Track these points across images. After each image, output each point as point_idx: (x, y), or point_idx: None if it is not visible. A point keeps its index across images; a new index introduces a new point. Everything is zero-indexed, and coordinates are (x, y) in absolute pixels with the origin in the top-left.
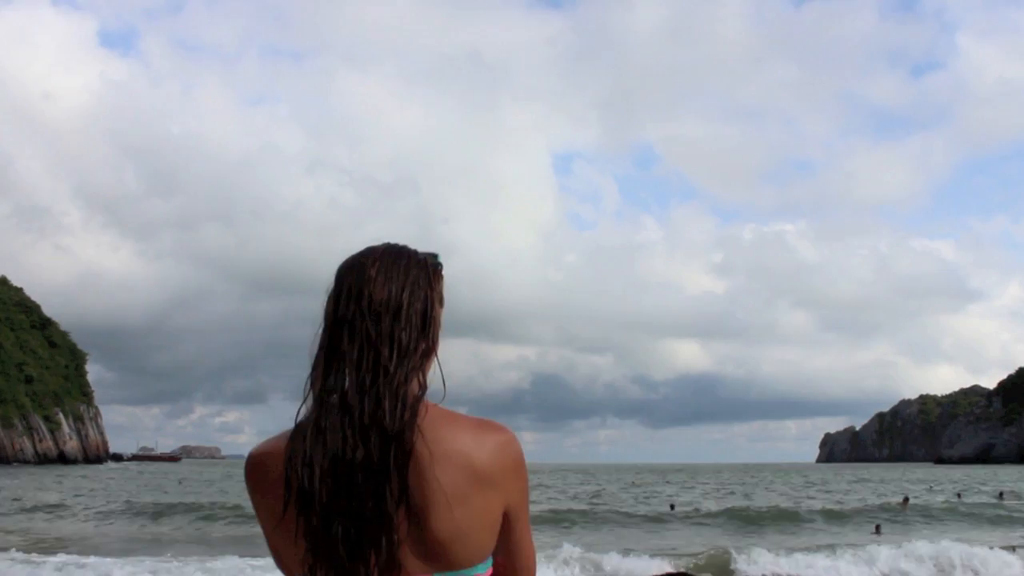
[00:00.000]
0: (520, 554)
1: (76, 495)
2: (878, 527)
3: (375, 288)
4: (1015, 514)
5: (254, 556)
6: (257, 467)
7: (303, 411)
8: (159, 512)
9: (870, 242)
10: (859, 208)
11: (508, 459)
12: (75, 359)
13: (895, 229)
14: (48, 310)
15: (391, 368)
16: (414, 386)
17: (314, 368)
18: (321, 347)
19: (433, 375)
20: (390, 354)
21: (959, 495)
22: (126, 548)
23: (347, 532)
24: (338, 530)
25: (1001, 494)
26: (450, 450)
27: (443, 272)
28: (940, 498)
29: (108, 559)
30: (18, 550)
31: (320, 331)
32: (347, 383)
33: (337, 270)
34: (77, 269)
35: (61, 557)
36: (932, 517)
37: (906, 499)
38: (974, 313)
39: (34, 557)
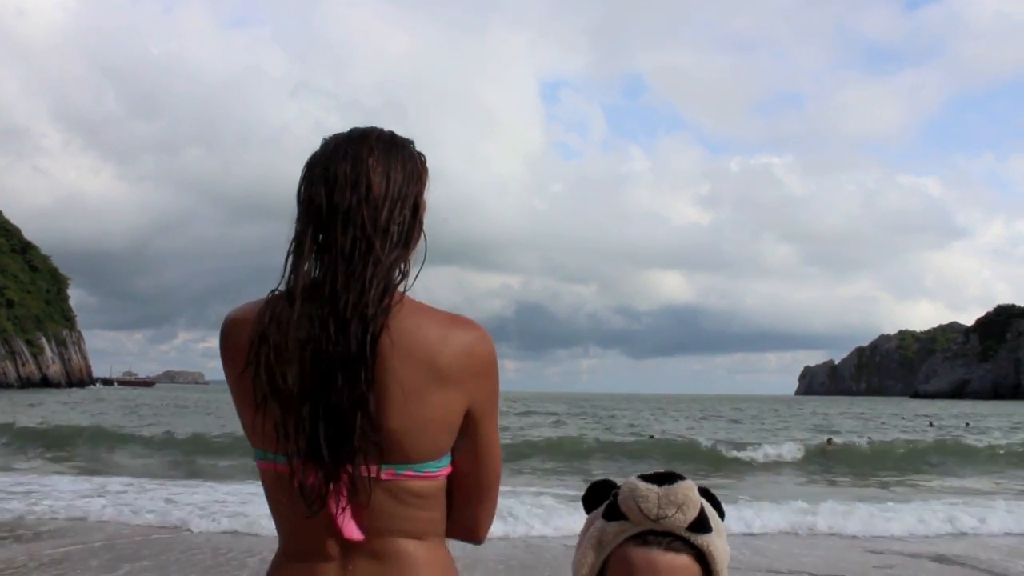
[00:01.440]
0: (484, 457)
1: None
2: (830, 439)
3: (374, 179)
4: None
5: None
6: (231, 333)
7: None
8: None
9: (857, 177)
10: (847, 142)
11: (475, 358)
12: (57, 283)
13: (882, 164)
14: (28, 233)
15: (383, 259)
16: (395, 275)
17: (296, 253)
18: (305, 232)
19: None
20: (382, 245)
21: (931, 423)
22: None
23: (322, 419)
24: (310, 416)
25: (967, 424)
26: (413, 342)
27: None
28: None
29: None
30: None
31: (299, 214)
32: (336, 273)
33: (326, 150)
34: (57, 192)
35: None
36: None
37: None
38: (957, 250)
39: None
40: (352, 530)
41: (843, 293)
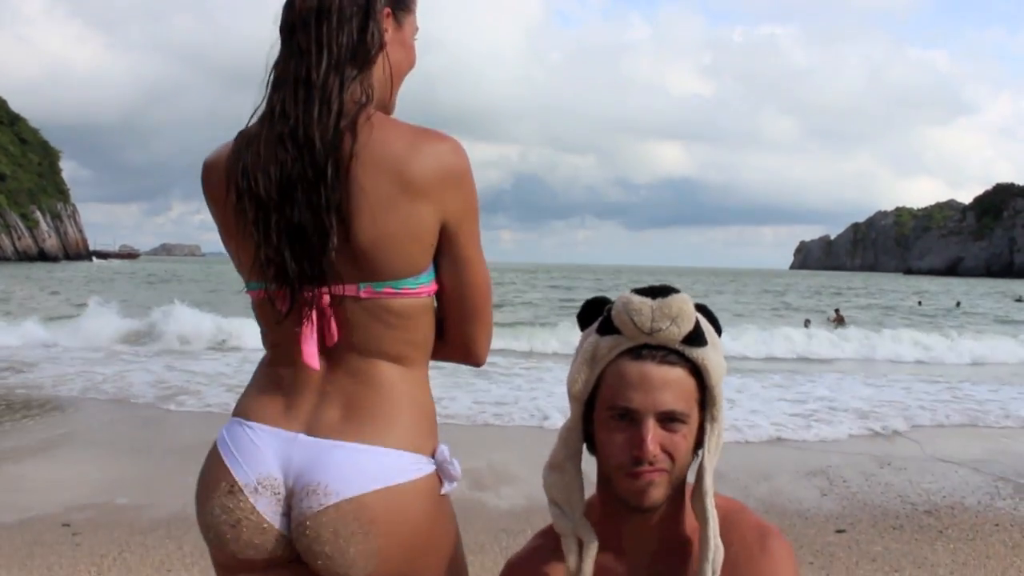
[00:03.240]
0: (467, 273)
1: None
2: (807, 321)
3: None
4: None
5: None
6: (209, 173)
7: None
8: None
9: (863, 49)
10: (854, 13)
11: (445, 169)
12: (48, 156)
13: (890, 36)
14: (16, 106)
15: (320, 77)
16: (354, 93)
17: (270, 81)
18: (276, 60)
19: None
20: (317, 62)
21: (920, 303)
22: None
23: (286, 241)
24: (276, 238)
25: (958, 303)
26: (379, 155)
27: None
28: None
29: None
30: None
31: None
32: (296, 97)
33: None
34: (43, 62)
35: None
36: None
37: (837, 311)
38: (961, 127)
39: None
40: (312, 357)
41: (842, 168)
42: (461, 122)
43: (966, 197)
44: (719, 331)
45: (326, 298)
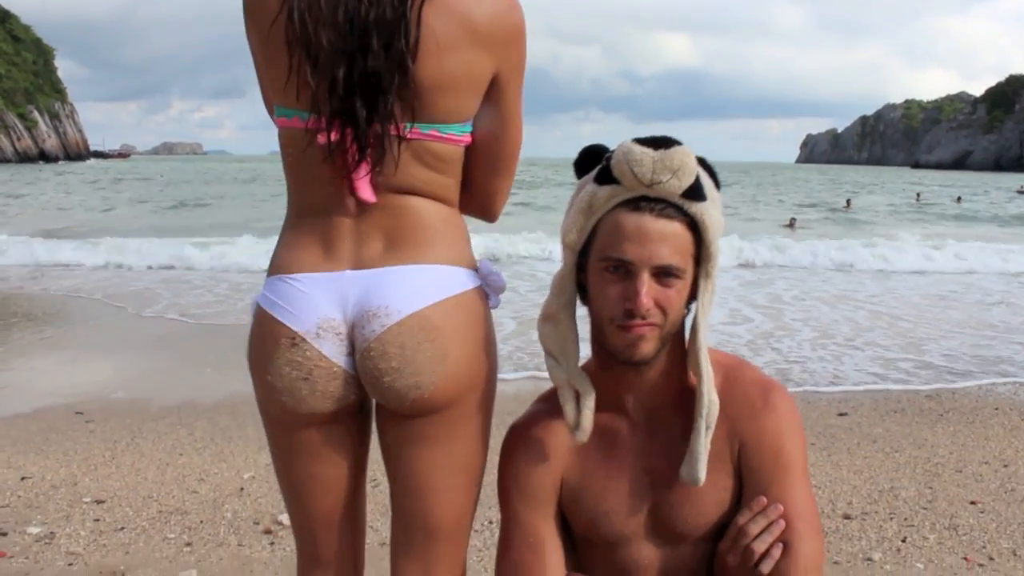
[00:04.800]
0: (507, 125)
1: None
2: (792, 220)
3: None
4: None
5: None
6: None
7: None
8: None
9: None
10: None
11: (507, 23)
12: (42, 54)
13: None
14: (6, 2)
15: None
16: None
17: None
18: None
19: None
20: None
21: (918, 196)
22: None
23: (356, 82)
24: (344, 79)
25: (959, 198)
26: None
27: None
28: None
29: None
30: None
31: None
32: None
33: None
34: None
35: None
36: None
37: (848, 201)
38: (976, 15)
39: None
40: (367, 191)
41: (852, 59)
42: None
43: (978, 89)
44: (718, 186)
45: (372, 137)
